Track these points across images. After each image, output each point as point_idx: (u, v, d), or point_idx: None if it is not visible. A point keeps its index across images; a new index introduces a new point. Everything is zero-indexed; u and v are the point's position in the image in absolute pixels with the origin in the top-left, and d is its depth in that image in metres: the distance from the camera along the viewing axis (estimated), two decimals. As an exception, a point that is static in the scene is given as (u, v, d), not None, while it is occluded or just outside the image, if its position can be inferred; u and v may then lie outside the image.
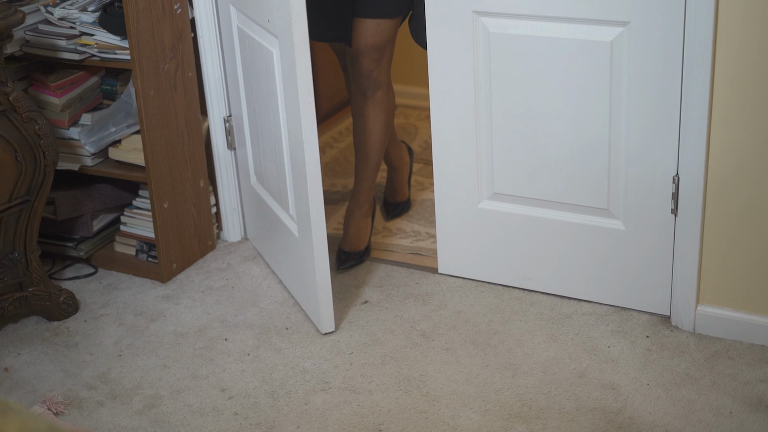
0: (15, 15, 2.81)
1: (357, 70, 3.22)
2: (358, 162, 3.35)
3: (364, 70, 3.20)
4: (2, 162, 2.84)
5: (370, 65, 3.19)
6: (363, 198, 3.39)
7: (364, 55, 3.17)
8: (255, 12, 2.95)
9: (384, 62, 3.21)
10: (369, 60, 3.18)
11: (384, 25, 3.12)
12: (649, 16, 2.65)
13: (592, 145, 2.85)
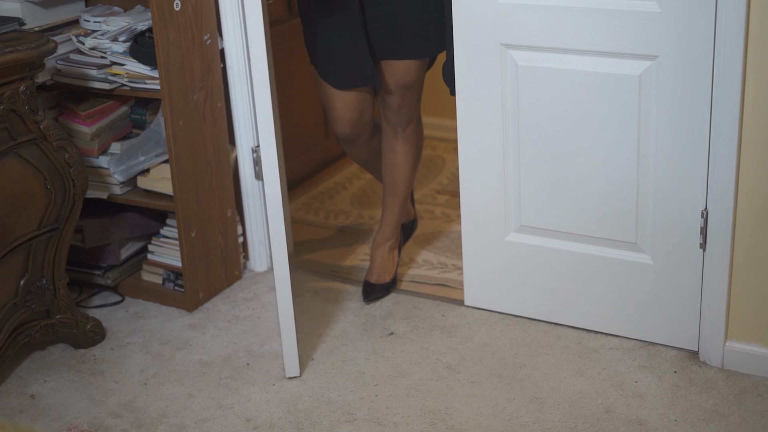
0: (47, 44, 2.83)
1: (387, 107, 3.22)
2: (387, 195, 3.35)
3: (394, 107, 3.20)
4: (32, 190, 2.86)
5: (400, 102, 3.19)
6: (390, 231, 3.38)
7: (393, 94, 3.17)
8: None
9: (414, 98, 3.21)
10: (399, 98, 3.18)
11: (414, 67, 3.11)
12: (677, 50, 2.64)
13: (620, 178, 2.85)
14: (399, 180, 3.31)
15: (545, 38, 2.81)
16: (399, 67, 3.11)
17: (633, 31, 2.68)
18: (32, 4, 3.23)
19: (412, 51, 3.08)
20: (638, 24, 2.67)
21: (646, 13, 2.65)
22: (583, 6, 2.72)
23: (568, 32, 2.77)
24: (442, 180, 4.25)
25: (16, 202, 2.82)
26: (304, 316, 3.25)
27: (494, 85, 2.93)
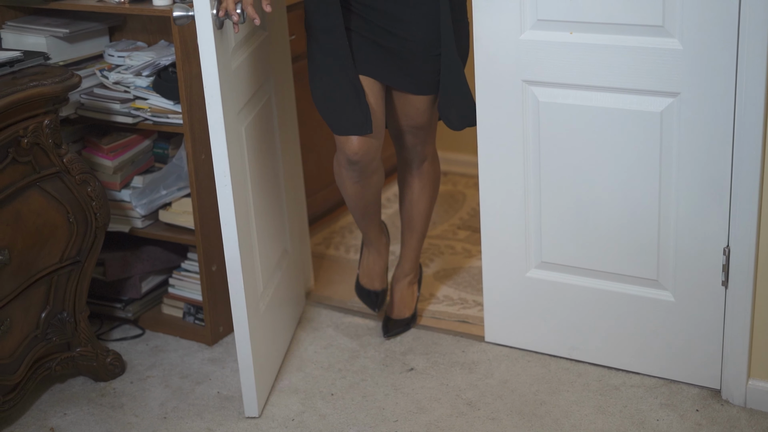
0: (72, 79, 2.86)
1: (401, 145, 3.21)
2: (404, 231, 3.35)
3: (408, 145, 3.19)
4: (55, 223, 2.88)
5: (414, 141, 3.17)
6: (409, 266, 3.38)
7: (407, 133, 3.15)
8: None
9: (429, 136, 3.19)
10: (413, 137, 3.16)
11: (427, 102, 3.07)
12: (699, 87, 2.64)
13: (641, 215, 2.84)
14: (416, 216, 3.30)
15: (567, 75, 2.81)
16: (412, 103, 3.07)
17: (654, 69, 2.69)
18: (57, 38, 3.27)
19: (428, 85, 3.03)
20: (660, 61, 2.67)
21: (667, 51, 2.66)
22: (604, 43, 2.73)
23: (590, 69, 2.77)
24: (462, 215, 4.25)
25: (38, 235, 2.83)
26: (324, 352, 3.24)
27: (515, 121, 2.93)
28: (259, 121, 3.05)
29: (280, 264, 3.27)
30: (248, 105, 2.95)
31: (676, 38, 2.64)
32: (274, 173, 3.21)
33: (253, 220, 2.95)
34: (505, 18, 2.83)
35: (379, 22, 2.89)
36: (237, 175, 2.78)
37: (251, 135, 2.96)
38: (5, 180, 2.72)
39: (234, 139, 2.76)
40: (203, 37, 2.59)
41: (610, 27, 2.71)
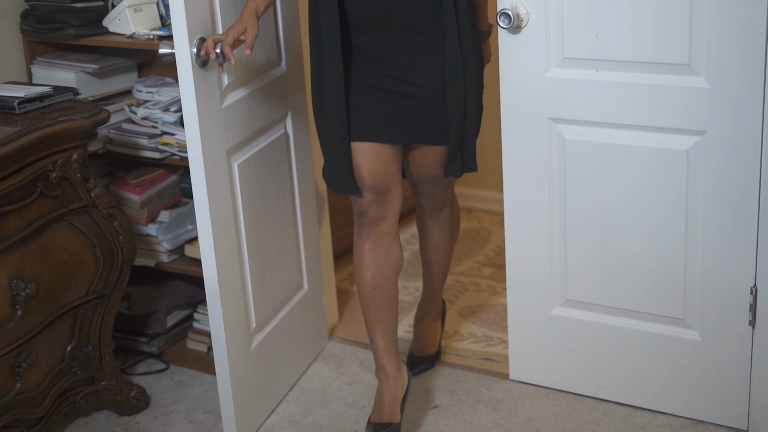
0: (100, 114, 2.88)
1: (419, 193, 3.14)
2: (425, 273, 3.31)
3: (427, 194, 3.12)
4: (82, 257, 2.90)
5: (433, 190, 3.09)
6: (431, 305, 3.36)
7: (425, 183, 3.06)
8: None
9: (448, 183, 3.11)
10: (431, 186, 3.07)
11: (446, 152, 2.92)
12: (725, 125, 2.64)
13: (667, 253, 2.83)
14: (437, 260, 3.25)
15: (592, 113, 2.81)
16: (429, 154, 2.94)
17: (681, 107, 2.69)
18: (87, 74, 3.30)
19: (446, 135, 2.88)
20: (686, 99, 2.67)
21: (694, 89, 2.65)
22: (630, 81, 2.73)
23: (616, 107, 2.77)
24: (488, 252, 4.24)
25: (65, 268, 2.85)
26: (348, 388, 3.23)
27: (541, 158, 2.93)
28: (264, 158, 3.04)
29: (289, 299, 3.26)
30: (246, 142, 2.95)
31: (702, 77, 2.64)
32: (285, 210, 3.19)
33: (245, 257, 2.96)
34: (531, 56, 2.84)
35: (391, 73, 2.79)
36: (222, 211, 2.81)
37: (249, 172, 2.97)
38: (33, 214, 2.74)
39: (219, 176, 2.79)
40: (182, 75, 2.64)
41: (636, 65, 2.72)
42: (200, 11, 2.67)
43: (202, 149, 2.69)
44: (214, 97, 2.76)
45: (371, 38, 2.76)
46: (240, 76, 2.90)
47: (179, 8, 2.59)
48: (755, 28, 2.53)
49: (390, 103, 2.81)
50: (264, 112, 3.03)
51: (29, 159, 2.70)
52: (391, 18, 2.72)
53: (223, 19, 2.78)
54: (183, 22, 2.60)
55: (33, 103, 2.86)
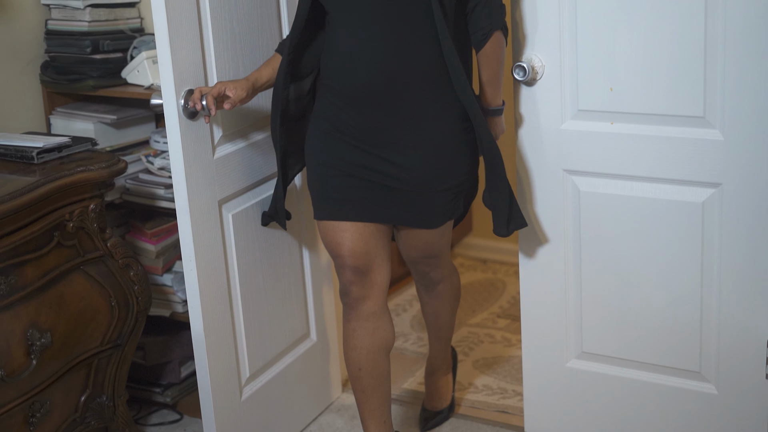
0: (118, 164, 2.90)
1: (414, 271, 3.05)
2: (430, 335, 3.23)
3: (419, 273, 3.03)
4: (97, 306, 2.90)
5: (426, 269, 3.00)
6: (440, 361, 3.28)
7: (417, 263, 2.98)
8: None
9: (442, 261, 3.00)
10: (424, 265, 2.98)
11: (438, 234, 2.85)
12: (741, 177, 2.64)
13: (683, 305, 2.81)
14: (437, 326, 3.17)
15: (608, 164, 2.82)
16: (419, 236, 2.84)
17: (695, 159, 2.69)
18: (105, 125, 3.33)
19: (438, 218, 2.79)
20: (701, 151, 2.67)
21: (708, 141, 2.66)
22: (645, 133, 2.74)
23: (631, 159, 2.78)
24: (502, 304, 4.23)
25: (81, 318, 2.85)
26: (361, 439, 3.22)
27: (556, 209, 2.94)
28: (266, 207, 3.06)
29: (293, 349, 3.26)
30: (242, 192, 2.97)
31: (717, 129, 2.64)
32: (289, 259, 3.20)
33: (238, 305, 2.97)
34: (546, 108, 2.86)
35: (376, 151, 2.67)
36: (211, 260, 2.84)
37: (247, 222, 2.98)
38: (50, 263, 2.75)
39: (209, 226, 2.81)
40: (169, 125, 2.69)
41: (651, 117, 2.72)
42: (190, 63, 2.71)
43: (188, 199, 2.71)
44: (205, 148, 2.79)
45: (358, 112, 2.66)
46: (237, 128, 2.93)
47: (166, 60, 2.64)
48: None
49: (373, 182, 2.70)
50: (263, 163, 3.05)
51: (47, 209, 2.72)
52: (385, 94, 2.63)
53: (218, 71, 2.81)
54: (170, 74, 2.65)
55: (51, 153, 2.89)
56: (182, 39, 2.67)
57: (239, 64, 2.88)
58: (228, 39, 2.84)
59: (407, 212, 2.74)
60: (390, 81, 2.60)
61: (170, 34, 2.62)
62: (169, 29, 2.62)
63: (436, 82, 2.63)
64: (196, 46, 2.73)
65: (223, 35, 2.82)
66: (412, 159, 2.67)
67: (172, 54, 2.64)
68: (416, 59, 2.60)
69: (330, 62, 2.69)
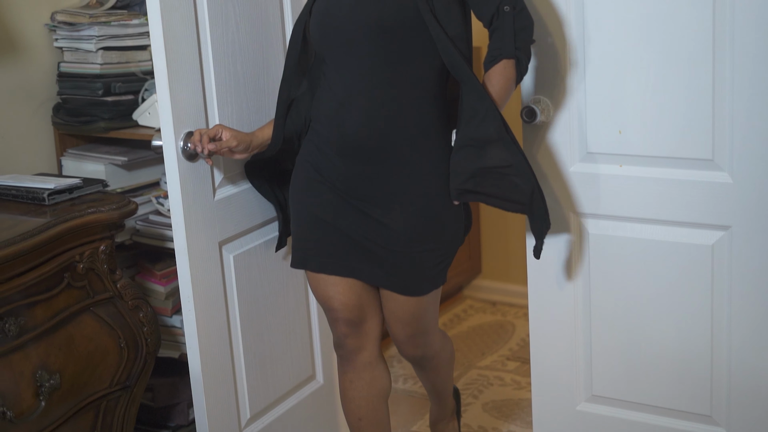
0: (128, 206, 2.91)
1: (401, 351, 2.87)
2: (428, 394, 3.14)
3: (410, 356, 2.86)
4: (106, 348, 2.90)
5: (414, 352, 2.83)
6: (443, 410, 3.18)
7: (402, 342, 2.81)
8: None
9: (430, 339, 2.82)
10: (411, 347, 2.81)
11: (424, 305, 2.70)
12: (750, 220, 2.64)
13: (693, 348, 2.80)
14: (435, 390, 3.07)
15: (616, 207, 2.82)
16: (401, 305, 2.70)
17: (705, 202, 2.69)
18: (116, 166, 3.35)
19: (420, 284, 2.66)
20: (710, 194, 2.68)
21: (718, 184, 2.66)
22: (654, 176, 2.74)
23: (639, 201, 2.78)
24: (512, 346, 4.22)
25: (90, 359, 2.85)
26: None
27: (566, 252, 2.94)
28: (270, 249, 3.07)
29: (298, 392, 3.26)
30: (244, 234, 2.98)
31: (726, 172, 2.65)
32: (295, 300, 3.20)
33: (239, 346, 2.97)
34: (555, 150, 2.87)
35: (356, 202, 2.61)
36: (210, 301, 2.85)
37: (250, 263, 2.99)
38: (60, 304, 2.76)
39: (208, 267, 2.82)
40: (168, 167, 2.71)
41: (659, 160, 2.73)
42: (190, 105, 2.73)
43: (186, 239, 2.73)
44: (206, 190, 2.80)
45: (343, 162, 2.61)
46: (239, 170, 2.95)
47: (165, 102, 2.66)
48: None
49: (354, 240, 2.64)
50: (266, 205, 3.05)
51: (57, 250, 2.73)
52: (372, 147, 2.57)
53: (221, 113, 2.83)
54: (169, 116, 2.67)
55: (62, 194, 2.90)
56: (182, 81, 2.69)
57: (243, 107, 2.90)
58: (231, 82, 2.86)
59: (389, 275, 2.65)
60: (378, 135, 2.55)
61: (169, 77, 2.65)
62: (168, 72, 2.65)
63: (427, 137, 2.58)
64: (196, 89, 2.75)
65: (225, 78, 2.84)
66: (394, 217, 2.60)
67: (172, 96, 2.66)
68: (407, 113, 2.55)
69: (320, 107, 2.65)
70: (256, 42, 2.94)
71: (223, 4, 2.82)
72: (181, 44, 2.68)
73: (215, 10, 2.79)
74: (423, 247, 2.61)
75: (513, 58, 2.57)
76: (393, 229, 2.60)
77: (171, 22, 2.65)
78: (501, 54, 2.56)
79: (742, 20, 2.53)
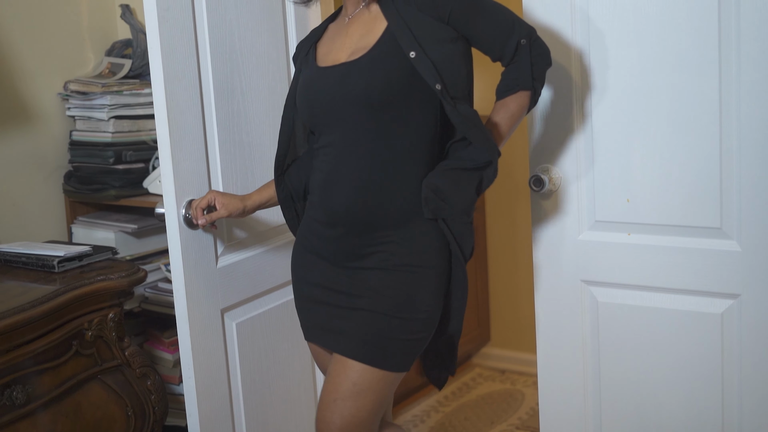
0: (137, 274, 2.92)
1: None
2: None
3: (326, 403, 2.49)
4: (113, 416, 2.89)
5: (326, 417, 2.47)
6: None
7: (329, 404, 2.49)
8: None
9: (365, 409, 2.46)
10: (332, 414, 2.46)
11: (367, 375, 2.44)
12: (759, 288, 2.63)
13: (704, 418, 2.78)
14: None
15: (625, 275, 2.82)
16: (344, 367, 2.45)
17: (713, 270, 2.69)
18: (126, 233, 3.36)
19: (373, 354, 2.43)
20: (718, 263, 2.67)
21: (726, 252, 2.66)
22: (662, 244, 2.75)
23: (648, 270, 2.78)
24: (521, 415, 4.19)
25: (97, 428, 2.84)
26: None
27: (574, 320, 2.93)
28: (275, 317, 3.07)
29: None
30: (247, 302, 2.98)
31: (734, 240, 2.65)
32: (300, 370, 3.20)
33: (241, 412, 2.96)
34: (563, 219, 2.87)
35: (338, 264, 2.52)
36: (211, 368, 2.83)
37: (254, 331, 2.99)
38: (68, 372, 2.75)
39: (209, 334, 2.81)
40: (170, 234, 2.70)
41: (668, 228, 2.73)
42: (193, 174, 2.75)
43: (187, 306, 2.72)
44: (208, 258, 2.81)
45: (333, 233, 2.51)
46: (242, 238, 2.95)
47: (168, 171, 2.68)
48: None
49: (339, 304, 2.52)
50: (270, 273, 3.05)
51: (66, 317, 2.73)
52: (360, 222, 2.47)
53: (225, 181, 2.85)
54: (171, 185, 2.69)
55: (72, 262, 2.91)
56: (185, 150, 2.72)
57: (248, 175, 2.92)
58: (236, 150, 2.88)
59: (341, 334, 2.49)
60: (366, 209, 2.46)
61: (172, 146, 2.67)
62: (171, 141, 2.67)
63: (417, 211, 2.47)
64: (200, 157, 2.77)
65: (230, 146, 2.86)
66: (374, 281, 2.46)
67: (174, 165, 2.68)
68: (396, 185, 2.45)
69: (313, 177, 2.58)
70: (262, 111, 2.97)
71: (229, 74, 2.86)
72: (184, 114, 2.71)
73: (220, 80, 2.83)
74: (391, 310, 2.43)
75: (530, 90, 2.53)
76: (370, 287, 2.46)
77: (174, 93, 2.67)
78: (518, 85, 2.51)
79: (748, 89, 2.55)
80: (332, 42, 2.58)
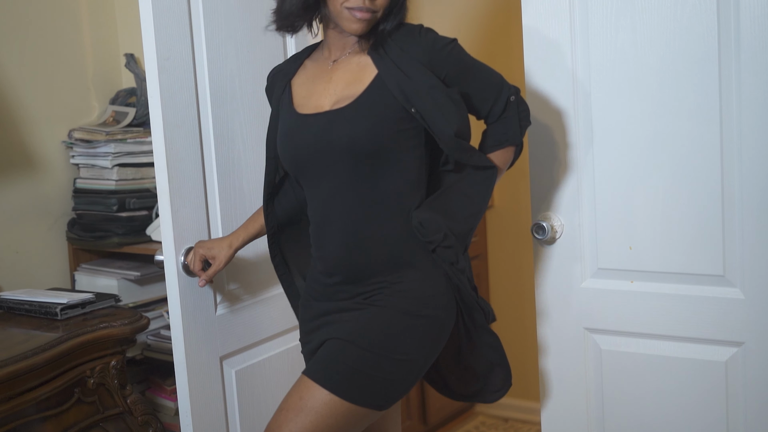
0: (140, 321, 2.92)
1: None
2: None
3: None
4: (115, 464, 2.88)
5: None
6: None
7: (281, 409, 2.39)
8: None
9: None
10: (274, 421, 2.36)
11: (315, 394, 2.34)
12: (763, 336, 2.63)
13: (709, 467, 2.77)
14: None
15: (628, 323, 2.82)
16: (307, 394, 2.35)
17: (717, 318, 2.68)
18: (128, 281, 3.36)
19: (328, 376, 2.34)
20: (722, 310, 2.67)
21: (729, 300, 2.66)
22: (665, 292, 2.74)
23: (651, 317, 2.78)
24: (525, 464, 4.17)
25: (98, 476, 2.83)
26: None
27: (578, 368, 2.92)
28: (277, 365, 3.06)
29: None
30: (247, 349, 2.97)
31: (737, 287, 2.65)
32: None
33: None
34: (566, 267, 2.87)
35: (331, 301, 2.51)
36: (210, 416, 2.80)
37: (253, 378, 2.98)
38: (69, 420, 2.74)
39: (208, 382, 2.80)
40: (168, 281, 2.71)
41: (670, 276, 2.73)
42: (192, 221, 2.75)
43: (185, 353, 2.71)
44: (207, 305, 2.80)
45: (331, 278, 2.49)
46: (242, 285, 2.95)
47: (167, 219, 2.68)
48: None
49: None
50: (270, 321, 3.04)
51: (68, 365, 2.73)
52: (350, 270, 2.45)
53: (224, 227, 2.85)
54: (170, 232, 2.69)
55: (75, 309, 2.91)
56: (184, 198, 2.72)
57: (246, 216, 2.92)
58: (236, 197, 2.89)
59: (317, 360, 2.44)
60: (356, 257, 2.44)
61: (171, 193, 2.68)
62: (170, 188, 2.67)
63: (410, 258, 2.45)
64: (199, 205, 2.77)
65: (231, 193, 2.87)
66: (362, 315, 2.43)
67: (173, 212, 2.68)
68: (385, 232, 2.43)
69: (310, 229, 2.56)
70: (262, 158, 2.96)
71: (229, 121, 2.87)
72: (183, 161, 2.72)
73: (220, 127, 2.84)
74: (366, 343, 2.37)
75: (517, 145, 2.56)
76: (353, 317, 2.43)
77: (174, 140, 2.68)
78: (507, 140, 2.53)
79: (749, 135, 2.56)
80: (312, 84, 2.52)
